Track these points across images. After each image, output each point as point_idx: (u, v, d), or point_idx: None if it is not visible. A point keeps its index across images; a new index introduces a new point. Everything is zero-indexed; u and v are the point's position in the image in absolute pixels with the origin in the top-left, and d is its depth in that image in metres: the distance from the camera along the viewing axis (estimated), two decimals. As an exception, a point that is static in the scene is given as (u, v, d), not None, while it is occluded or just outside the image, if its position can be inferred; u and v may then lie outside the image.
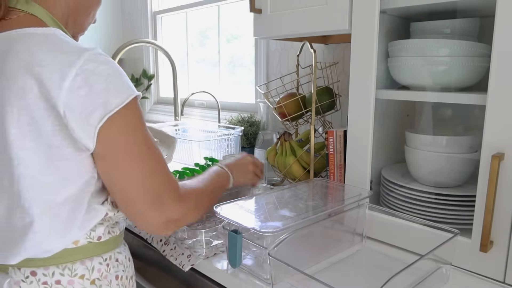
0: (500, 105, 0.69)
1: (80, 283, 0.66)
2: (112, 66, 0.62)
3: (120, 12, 2.65)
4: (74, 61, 0.59)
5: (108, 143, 0.61)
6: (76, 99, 0.59)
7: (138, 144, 0.63)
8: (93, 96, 0.59)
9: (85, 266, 0.67)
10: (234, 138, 1.59)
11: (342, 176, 1.06)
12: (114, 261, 0.72)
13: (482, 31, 0.88)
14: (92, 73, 0.60)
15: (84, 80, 0.59)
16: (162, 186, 0.65)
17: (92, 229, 0.67)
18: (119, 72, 0.63)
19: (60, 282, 0.65)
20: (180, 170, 1.07)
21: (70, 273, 0.66)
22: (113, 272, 0.71)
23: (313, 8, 1.00)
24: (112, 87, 0.60)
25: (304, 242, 0.80)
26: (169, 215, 0.66)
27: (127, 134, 0.62)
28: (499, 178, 0.70)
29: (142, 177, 0.63)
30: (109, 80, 0.60)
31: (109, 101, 0.60)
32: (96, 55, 0.61)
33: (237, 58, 2.04)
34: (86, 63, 0.60)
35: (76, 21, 0.77)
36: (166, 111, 2.40)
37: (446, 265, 0.74)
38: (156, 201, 0.64)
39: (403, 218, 0.85)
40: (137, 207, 0.64)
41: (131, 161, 0.63)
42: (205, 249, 0.87)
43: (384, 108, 0.96)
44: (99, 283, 0.68)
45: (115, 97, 0.60)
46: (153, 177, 0.64)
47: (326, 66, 1.32)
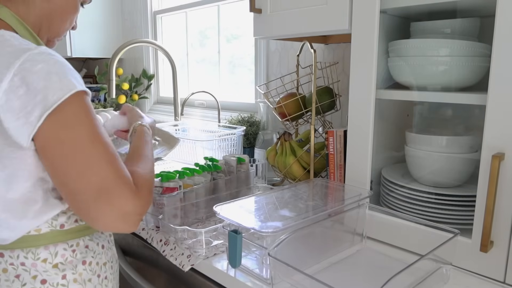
0: (500, 105, 0.69)
1: (42, 266, 0.70)
2: (54, 64, 0.62)
3: (120, 12, 2.65)
4: (12, 63, 0.60)
5: (46, 138, 0.62)
6: (15, 99, 0.60)
7: (78, 138, 0.62)
8: (32, 95, 0.60)
9: (48, 251, 0.71)
10: (237, 138, 1.59)
11: (342, 176, 1.06)
12: (83, 247, 0.74)
13: (482, 31, 0.88)
14: (29, 72, 0.60)
15: (22, 79, 0.60)
16: (107, 179, 0.62)
17: (54, 218, 0.70)
18: (61, 69, 0.63)
19: (24, 264, 0.70)
20: (180, 170, 1.07)
21: (33, 257, 0.70)
22: (80, 258, 0.73)
23: (313, 8, 1.00)
24: (50, 84, 0.61)
25: (304, 242, 0.80)
26: (123, 208, 0.62)
27: (66, 129, 0.62)
28: (499, 178, 0.70)
29: (81, 170, 0.62)
30: (48, 77, 0.61)
31: (48, 98, 0.60)
32: (37, 55, 0.62)
33: (237, 58, 2.04)
34: (24, 63, 0.61)
35: (51, 26, 0.78)
36: (166, 111, 2.40)
37: (446, 265, 0.74)
38: (101, 195, 0.61)
39: (403, 218, 0.85)
40: (81, 202, 0.62)
41: (70, 155, 0.62)
42: (205, 249, 0.87)
43: (384, 108, 0.96)
44: (63, 267, 0.72)
45: (53, 94, 0.60)
46: (96, 171, 0.62)
47: (326, 66, 1.32)
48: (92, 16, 2.53)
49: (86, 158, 0.62)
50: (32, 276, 0.70)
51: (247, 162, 1.19)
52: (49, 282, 0.70)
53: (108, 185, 0.62)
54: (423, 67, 0.84)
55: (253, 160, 1.38)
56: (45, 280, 0.70)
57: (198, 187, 1.05)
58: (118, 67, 2.59)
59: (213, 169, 1.12)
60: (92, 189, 0.61)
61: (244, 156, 1.18)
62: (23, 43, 0.64)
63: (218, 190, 1.11)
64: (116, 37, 2.64)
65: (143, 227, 1.03)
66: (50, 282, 0.70)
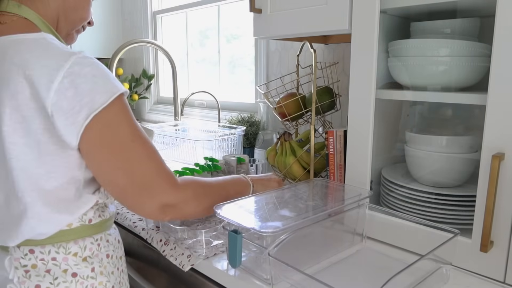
0: (500, 105, 0.69)
1: (73, 260, 0.73)
2: (97, 67, 0.67)
3: (120, 12, 2.65)
4: (61, 65, 0.64)
5: (92, 138, 0.67)
6: (64, 100, 0.64)
7: (121, 137, 0.68)
8: (80, 97, 0.64)
9: (78, 245, 0.74)
10: (237, 138, 1.59)
11: (342, 176, 1.06)
12: (105, 241, 0.78)
13: (482, 31, 0.88)
14: (78, 75, 0.65)
15: (71, 82, 0.64)
16: (150, 173, 0.69)
17: (84, 213, 0.74)
18: (104, 72, 0.68)
19: (55, 259, 0.72)
20: (180, 170, 1.07)
21: (65, 251, 0.73)
22: (104, 251, 0.77)
23: (313, 8, 1.00)
24: (97, 87, 0.65)
25: (304, 242, 0.80)
26: (162, 200, 0.70)
27: (110, 129, 0.67)
28: (499, 178, 0.70)
29: (127, 167, 0.68)
30: (94, 81, 0.65)
31: (95, 100, 0.65)
32: (82, 58, 0.66)
33: (237, 58, 2.04)
34: (72, 66, 0.65)
35: (67, 19, 0.81)
36: (166, 111, 2.40)
37: (446, 265, 0.74)
38: (145, 188, 0.69)
39: (403, 218, 0.85)
40: (128, 195, 0.70)
41: (115, 153, 0.68)
42: (205, 249, 0.87)
43: (384, 108, 0.96)
44: (91, 260, 0.75)
45: (100, 96, 0.65)
46: (139, 166, 0.69)
47: (326, 66, 1.32)
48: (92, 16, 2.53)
49: (130, 156, 0.68)
50: (63, 270, 0.72)
51: (247, 162, 1.19)
52: (80, 275, 0.73)
53: (151, 179, 0.69)
54: (423, 67, 0.84)
55: (253, 160, 1.38)
56: (76, 273, 0.73)
57: (198, 187, 1.04)
58: (118, 67, 2.59)
59: (213, 169, 1.12)
60: (136, 184, 0.69)
61: (244, 156, 1.18)
62: (64, 46, 0.69)
63: (218, 190, 1.10)
64: (116, 37, 2.64)
65: (143, 227, 1.03)
66: (81, 275, 0.73)
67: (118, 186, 0.69)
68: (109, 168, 0.68)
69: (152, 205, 0.70)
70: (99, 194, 0.75)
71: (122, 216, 1.13)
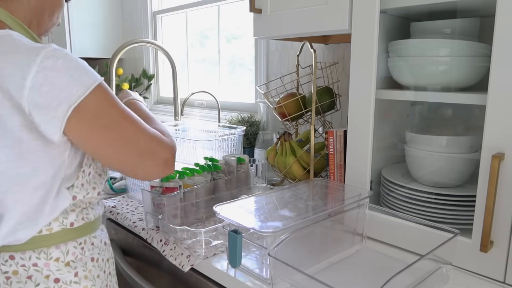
0: (500, 105, 0.69)
1: (55, 265, 0.72)
2: (71, 59, 0.66)
3: (120, 12, 2.65)
4: (33, 60, 0.62)
5: (79, 129, 0.66)
6: (40, 96, 0.62)
7: (113, 121, 0.69)
8: (56, 92, 0.63)
9: (60, 250, 0.72)
10: (237, 138, 1.59)
11: (342, 176, 1.06)
12: (90, 244, 0.77)
13: (482, 31, 0.88)
14: (51, 69, 0.63)
15: (45, 77, 0.62)
16: (148, 141, 0.72)
17: (64, 216, 0.73)
18: (78, 64, 0.66)
19: (36, 264, 0.71)
20: (180, 170, 1.07)
21: (46, 257, 0.71)
22: (88, 255, 0.76)
23: (313, 8, 1.00)
24: (72, 79, 0.64)
25: (304, 242, 0.80)
26: (166, 157, 0.74)
27: (97, 116, 0.67)
28: (499, 178, 0.70)
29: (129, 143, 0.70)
30: (69, 73, 0.64)
31: (72, 93, 0.64)
32: (53, 51, 0.64)
33: (237, 58, 2.04)
34: (43, 60, 0.63)
35: (40, 22, 0.79)
36: (166, 111, 2.40)
37: (446, 265, 0.74)
38: (149, 153, 0.72)
39: (403, 218, 0.85)
40: (138, 165, 0.72)
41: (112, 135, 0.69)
42: (204, 249, 0.87)
43: (384, 108, 0.96)
44: (74, 264, 0.74)
45: (77, 89, 0.64)
46: (138, 138, 0.71)
47: (326, 66, 1.32)
48: (92, 16, 2.53)
49: (127, 133, 0.70)
50: (45, 276, 0.71)
51: (247, 162, 1.19)
52: (63, 281, 0.72)
53: (152, 145, 0.72)
54: (423, 67, 0.84)
55: (253, 160, 1.38)
56: (58, 278, 0.72)
57: (198, 187, 1.05)
58: (118, 67, 2.59)
59: (213, 169, 1.12)
60: (142, 153, 0.71)
61: (244, 156, 1.18)
62: (31, 42, 0.66)
63: (218, 190, 1.11)
64: (116, 37, 2.64)
65: (143, 227, 1.03)
66: (64, 280, 0.72)
67: (127, 161, 0.71)
68: (113, 149, 0.69)
69: (159, 164, 0.73)
70: (75, 189, 0.73)
71: (122, 216, 1.13)
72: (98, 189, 0.78)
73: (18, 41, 0.65)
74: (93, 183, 0.76)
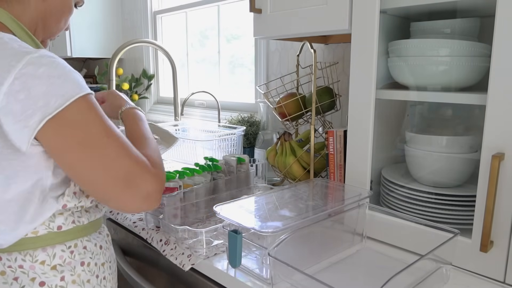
0: (500, 105, 0.69)
1: (41, 268, 0.70)
2: (56, 67, 0.62)
3: (120, 12, 2.65)
4: (12, 65, 0.60)
5: (54, 142, 0.62)
6: (15, 103, 0.59)
7: (92, 137, 0.63)
8: (33, 100, 0.60)
9: (46, 253, 0.71)
10: (237, 138, 1.59)
11: (342, 176, 1.06)
12: (81, 248, 0.75)
13: (482, 31, 0.88)
14: (31, 77, 0.60)
15: (23, 84, 0.59)
16: (130, 167, 0.65)
17: (51, 219, 0.70)
18: (63, 72, 0.63)
19: (22, 266, 0.70)
20: (180, 170, 1.07)
21: (31, 259, 0.70)
22: (78, 259, 0.74)
23: (313, 8, 1.00)
24: (52, 88, 0.61)
25: (304, 242, 0.80)
26: (147, 189, 0.66)
27: (78, 130, 0.63)
28: (499, 178, 0.70)
29: (106, 165, 0.64)
30: (50, 82, 0.61)
31: (49, 104, 0.60)
32: (38, 58, 0.61)
33: (237, 58, 2.04)
34: (25, 66, 0.60)
35: (46, 27, 0.78)
36: (166, 111, 2.40)
37: (446, 265, 0.74)
38: (128, 180, 0.65)
39: (403, 218, 0.85)
40: (110, 193, 0.65)
41: (89, 152, 0.63)
42: (205, 249, 0.87)
43: (384, 108, 0.96)
44: (61, 268, 0.72)
45: (56, 100, 0.60)
46: (118, 162, 0.64)
47: (326, 66, 1.32)
48: (92, 16, 2.53)
49: (106, 154, 0.64)
50: (30, 279, 0.70)
51: (247, 162, 1.19)
52: (48, 284, 0.70)
53: (133, 173, 0.65)
54: (423, 67, 0.84)
55: (253, 160, 1.38)
56: (44, 282, 0.70)
57: (198, 187, 1.05)
58: (118, 67, 2.59)
59: (213, 169, 1.12)
60: (120, 179, 0.64)
61: (244, 156, 1.18)
62: (23, 46, 0.64)
63: (218, 190, 1.11)
64: (116, 37, 2.64)
65: (143, 227, 1.03)
66: (49, 284, 0.70)
67: (99, 185, 0.65)
68: (85, 168, 0.64)
69: (138, 198, 0.66)
70: (66, 198, 0.70)
71: (122, 216, 1.13)
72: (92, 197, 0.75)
73: (6, 44, 0.63)
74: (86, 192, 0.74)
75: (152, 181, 0.66)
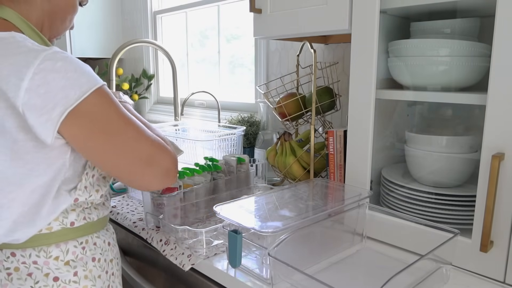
0: (500, 105, 0.69)
1: (54, 264, 0.72)
2: (71, 61, 0.65)
3: (120, 12, 2.65)
4: (31, 61, 0.62)
5: (76, 133, 0.65)
6: (36, 98, 0.62)
7: (113, 125, 0.67)
8: (53, 93, 0.62)
9: (60, 248, 0.73)
10: (237, 138, 1.59)
11: (342, 176, 1.06)
12: (92, 244, 0.77)
13: (482, 31, 0.88)
14: (49, 71, 0.62)
15: (43, 78, 0.62)
16: (149, 147, 0.70)
17: (64, 216, 0.73)
18: (78, 66, 0.65)
19: (36, 262, 0.71)
20: (180, 170, 1.07)
21: (46, 255, 0.72)
22: (89, 255, 0.76)
23: (313, 8, 1.00)
24: (70, 82, 0.63)
25: (304, 242, 0.80)
26: (167, 165, 0.71)
27: (99, 119, 0.66)
28: (499, 178, 0.70)
29: (129, 149, 0.68)
30: (67, 76, 0.63)
31: (69, 96, 0.63)
32: (53, 54, 0.64)
33: (237, 58, 2.04)
34: (42, 62, 0.62)
35: (52, 26, 0.79)
36: (166, 111, 2.40)
37: (446, 265, 0.74)
38: (150, 160, 0.70)
39: (403, 218, 0.85)
40: (137, 173, 0.70)
41: (111, 140, 0.67)
42: (205, 249, 0.87)
43: (384, 108, 0.96)
44: (74, 264, 0.74)
45: (74, 92, 0.63)
46: (139, 144, 0.69)
47: (326, 66, 1.32)
48: (92, 16, 2.53)
49: (127, 139, 0.68)
50: (44, 274, 0.71)
51: (247, 162, 1.19)
52: (62, 279, 0.72)
53: (153, 152, 0.70)
54: (423, 67, 0.84)
55: (253, 160, 1.38)
56: (58, 277, 0.72)
57: (198, 187, 1.05)
58: (118, 67, 2.59)
59: (213, 169, 1.12)
60: (143, 160, 0.69)
61: (244, 156, 1.18)
62: (35, 44, 0.66)
63: (218, 190, 1.11)
64: (116, 37, 2.64)
65: (143, 227, 1.03)
66: (63, 279, 0.72)
67: (124, 168, 0.69)
68: (110, 154, 0.68)
69: (160, 174, 0.71)
70: (78, 192, 0.73)
71: (122, 216, 1.13)
72: (102, 191, 0.77)
73: (20, 43, 0.65)
74: (96, 186, 0.76)
75: (169, 157, 0.72)
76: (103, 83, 0.67)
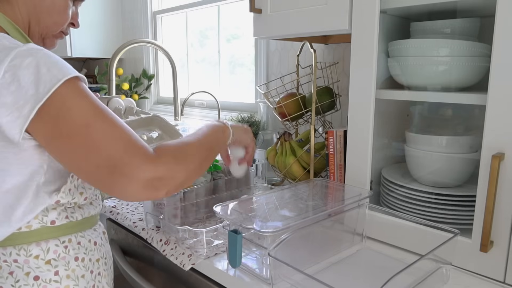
0: (500, 105, 0.69)
1: (35, 263, 0.71)
2: (42, 56, 0.63)
3: (120, 12, 2.65)
4: (2, 59, 0.61)
5: (44, 130, 0.63)
6: (8, 96, 0.61)
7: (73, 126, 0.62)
8: (24, 89, 0.61)
9: (40, 247, 0.71)
10: (236, 138, 1.59)
11: (342, 176, 1.06)
12: (75, 244, 0.75)
13: (482, 31, 0.88)
14: (19, 68, 0.61)
15: (13, 75, 0.61)
16: (116, 152, 0.62)
17: (44, 214, 0.71)
18: (49, 60, 0.63)
19: (17, 261, 0.70)
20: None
21: (26, 253, 0.70)
22: (72, 254, 0.74)
23: (313, 8, 1.00)
24: (40, 76, 0.61)
25: (304, 242, 0.80)
26: (142, 176, 0.62)
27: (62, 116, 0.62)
28: (499, 178, 0.70)
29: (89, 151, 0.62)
30: (37, 70, 0.61)
31: (39, 91, 0.61)
32: (26, 50, 0.63)
33: (237, 58, 2.04)
34: (14, 59, 0.62)
35: (40, 21, 0.78)
36: (166, 111, 2.40)
37: (446, 265, 0.74)
38: (115, 168, 0.61)
39: (403, 218, 0.85)
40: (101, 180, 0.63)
41: (73, 139, 0.62)
42: (206, 249, 0.87)
43: (384, 108, 0.96)
44: (55, 263, 0.72)
45: (44, 86, 0.61)
46: (103, 147, 0.62)
47: (326, 66, 1.32)
48: (92, 16, 2.53)
49: (89, 139, 0.62)
50: (25, 273, 0.70)
51: (247, 162, 1.19)
52: (42, 279, 0.71)
53: (118, 158, 0.61)
54: (423, 67, 0.84)
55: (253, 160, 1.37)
56: (38, 276, 0.71)
57: (198, 187, 1.05)
58: (118, 67, 2.59)
59: (213, 169, 1.12)
60: (104, 166, 0.61)
61: (244, 156, 1.18)
62: (13, 42, 0.65)
63: (218, 190, 1.11)
64: (116, 37, 2.64)
65: (143, 227, 1.03)
66: (43, 278, 0.71)
67: (87, 172, 0.63)
68: (72, 156, 0.63)
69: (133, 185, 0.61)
70: (61, 194, 0.71)
71: (122, 216, 1.13)
72: (86, 194, 0.76)
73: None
74: (81, 188, 0.75)
75: (148, 168, 0.62)
76: (76, 75, 0.64)
